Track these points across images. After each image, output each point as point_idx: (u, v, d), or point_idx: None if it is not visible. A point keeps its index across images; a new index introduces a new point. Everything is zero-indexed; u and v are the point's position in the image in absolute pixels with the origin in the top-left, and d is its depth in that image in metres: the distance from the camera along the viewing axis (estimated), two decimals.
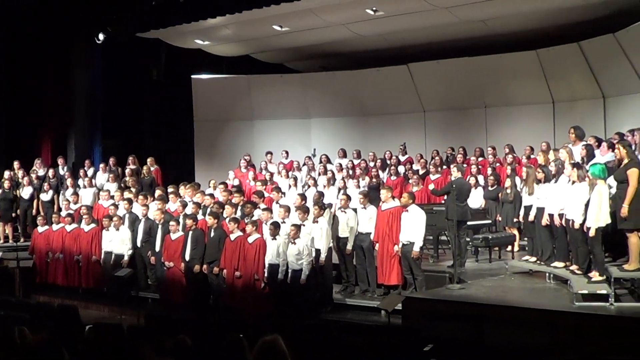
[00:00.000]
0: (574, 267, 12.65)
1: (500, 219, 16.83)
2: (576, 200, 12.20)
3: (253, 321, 12.34)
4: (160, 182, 21.11)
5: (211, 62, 25.92)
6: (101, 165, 21.79)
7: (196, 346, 7.60)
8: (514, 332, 11.22)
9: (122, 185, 20.35)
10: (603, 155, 13.83)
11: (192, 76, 25.74)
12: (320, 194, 16.73)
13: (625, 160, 11.56)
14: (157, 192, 18.36)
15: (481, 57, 22.28)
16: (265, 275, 14.54)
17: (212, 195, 17.43)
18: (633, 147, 12.48)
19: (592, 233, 11.69)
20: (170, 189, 18.50)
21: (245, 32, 22.68)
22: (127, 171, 20.98)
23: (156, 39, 23.76)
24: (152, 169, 21.15)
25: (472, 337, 11.51)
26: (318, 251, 14.47)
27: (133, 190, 19.18)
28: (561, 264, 13.11)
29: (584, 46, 20.33)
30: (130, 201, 17.89)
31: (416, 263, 14.25)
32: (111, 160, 21.91)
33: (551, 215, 13.07)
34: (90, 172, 21.52)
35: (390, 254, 14.60)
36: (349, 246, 15.14)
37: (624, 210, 11.25)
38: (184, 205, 16.84)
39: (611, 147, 13.66)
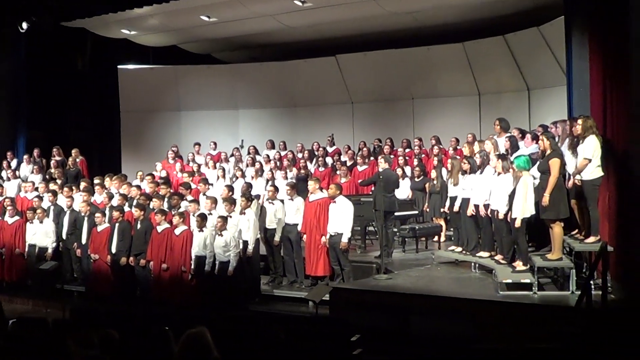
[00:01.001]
0: (498, 257, 12.86)
1: (427, 209, 16.97)
2: (501, 191, 12.38)
3: (180, 313, 12.28)
4: (86, 173, 20.85)
5: (138, 53, 25.65)
6: (25, 157, 21.43)
7: (123, 339, 7.55)
8: (439, 322, 11.33)
9: (47, 177, 20.07)
10: (527, 147, 14.02)
11: (119, 66, 25.49)
12: (248, 186, 16.68)
13: (548, 151, 11.73)
14: (83, 184, 18.14)
15: (409, 49, 22.45)
16: (192, 267, 14.47)
17: (138, 187, 17.28)
18: (556, 139, 12.66)
19: (517, 224, 11.85)
20: (96, 181, 18.30)
21: (172, 22, 22.48)
22: (52, 163, 20.69)
23: (81, 29, 23.41)
24: (77, 160, 20.86)
25: (398, 327, 11.60)
26: (246, 243, 14.47)
27: (58, 182, 18.92)
28: (486, 254, 13.28)
29: (510, 39, 20.64)
30: (55, 193, 17.64)
31: (344, 254, 14.31)
32: (35, 152, 21.57)
33: (476, 206, 13.23)
34: (13, 163, 21.19)
35: (318, 245, 14.62)
36: (277, 237, 15.17)
37: (545, 199, 11.43)
38: (110, 197, 16.67)
39: (535, 138, 13.85)
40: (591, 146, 11.46)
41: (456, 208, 14.06)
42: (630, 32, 10.44)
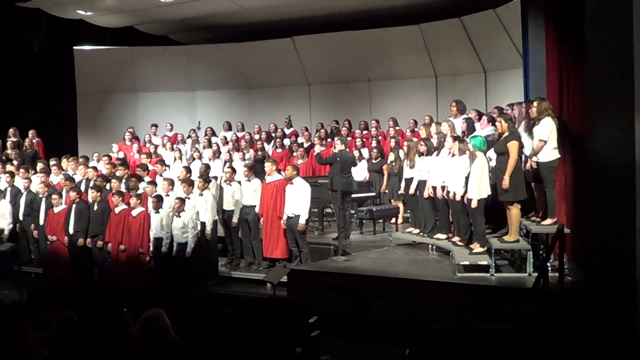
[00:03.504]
0: (456, 239, 12.96)
1: (386, 191, 17.04)
2: (457, 172, 12.46)
3: (137, 295, 12.27)
4: (43, 154, 20.69)
5: (94, 33, 25.44)
6: None
7: (81, 321, 7.54)
8: (397, 304, 11.43)
9: (3, 157, 19.89)
10: (483, 129, 14.13)
11: (75, 47, 25.22)
12: (206, 167, 16.66)
13: (506, 134, 11.82)
14: (40, 165, 17.97)
15: (365, 31, 22.44)
16: (151, 249, 14.45)
17: (95, 168, 17.18)
18: (513, 121, 12.76)
19: (473, 204, 11.95)
20: (52, 162, 18.19)
21: (128, 3, 22.24)
22: (9, 144, 20.48)
23: (36, 9, 23.14)
24: (34, 141, 20.67)
25: (356, 308, 11.68)
26: (203, 224, 14.48)
27: (15, 163, 18.78)
28: (443, 236, 13.40)
29: (466, 21, 20.72)
30: (12, 174, 17.50)
31: (301, 236, 14.34)
32: None
33: (434, 188, 13.30)
34: None
35: (276, 226, 14.65)
36: (235, 219, 15.16)
37: (505, 182, 11.52)
38: (67, 178, 16.56)
39: (491, 120, 13.96)
40: (547, 128, 11.58)
41: (412, 190, 14.09)
42: (586, 14, 10.53)
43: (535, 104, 11.81)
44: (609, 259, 9.53)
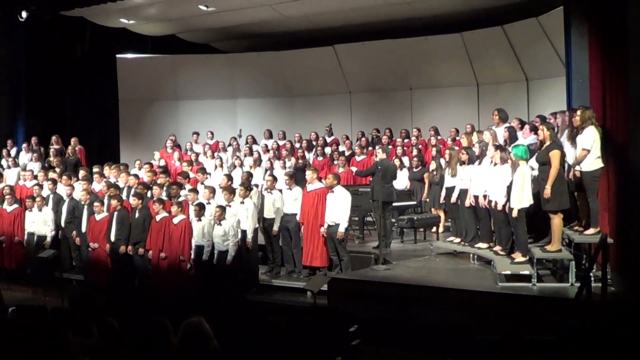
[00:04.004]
0: (497, 248, 12.84)
1: (427, 200, 16.99)
2: (499, 181, 12.34)
3: (178, 303, 12.30)
4: (85, 162, 20.86)
5: (136, 42, 25.66)
6: (24, 145, 21.45)
7: (121, 328, 7.56)
8: (438, 313, 11.35)
9: (46, 165, 20.09)
10: (526, 138, 14.01)
11: (117, 55, 25.46)
12: (248, 175, 16.69)
13: (548, 142, 11.72)
14: (82, 172, 18.08)
15: (407, 39, 22.45)
16: (192, 256, 14.48)
17: (136, 176, 17.27)
18: (555, 130, 12.65)
19: (514, 214, 11.84)
20: (95, 169, 18.32)
21: (170, 11, 22.46)
22: (51, 151, 20.70)
23: (80, 17, 23.41)
24: (76, 148, 20.85)
25: (397, 317, 11.61)
26: (244, 232, 14.46)
27: (57, 170, 18.94)
28: (485, 245, 13.28)
29: (508, 30, 20.62)
30: (54, 181, 17.65)
31: (341, 244, 14.31)
32: (33, 140, 21.59)
33: (475, 197, 13.20)
34: (13, 151, 21.21)
35: (316, 235, 14.61)
36: (275, 227, 15.14)
37: (547, 191, 11.41)
38: (109, 185, 16.64)
39: (533, 129, 13.85)
40: (590, 137, 11.47)
41: (454, 199, 14.02)
42: (629, 22, 10.44)
43: (578, 112, 11.71)
44: None
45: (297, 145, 21.29)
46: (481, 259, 13.48)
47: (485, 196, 12.91)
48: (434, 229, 16.68)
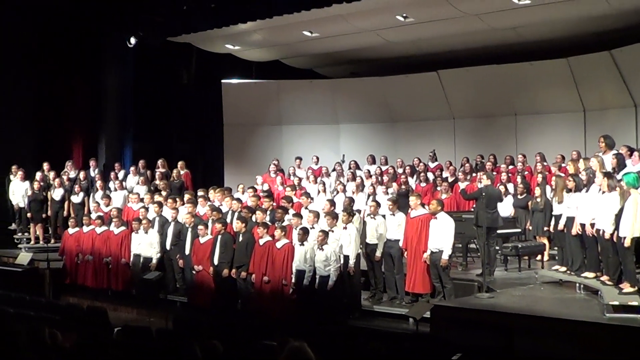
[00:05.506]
0: (604, 278, 12.56)
1: (530, 227, 16.77)
2: (607, 210, 12.10)
3: (280, 327, 12.34)
4: (190, 185, 21.18)
5: (241, 67, 26.03)
6: (131, 168, 21.90)
7: (225, 351, 7.61)
8: (543, 343, 11.16)
9: (152, 188, 20.46)
10: (634, 165, 13.72)
11: (222, 80, 25.82)
12: (351, 200, 16.71)
13: None
14: (187, 196, 18.32)
15: (511, 64, 22.23)
16: (293, 280, 14.54)
17: (239, 200, 17.44)
18: None
19: (627, 243, 11.55)
20: (199, 193, 18.59)
21: (275, 37, 22.74)
22: (157, 174, 21.09)
23: (187, 43, 23.88)
24: (182, 172, 21.19)
25: (500, 346, 11.45)
26: (347, 257, 14.45)
27: (163, 193, 19.27)
28: (592, 275, 13.00)
29: (616, 54, 20.22)
30: (160, 204, 17.95)
31: (445, 271, 14.19)
32: (140, 163, 22.02)
33: (582, 225, 12.96)
34: (120, 174, 21.66)
35: (419, 261, 14.52)
36: (378, 253, 15.06)
37: None
38: (213, 209, 16.84)
39: None
40: None
41: (560, 227, 13.82)
42: None
43: None
44: None
45: (399, 170, 21.24)
46: (588, 289, 13.18)
47: (592, 224, 12.66)
48: (539, 257, 16.45)
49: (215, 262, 15.62)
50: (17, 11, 21.82)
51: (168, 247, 17.06)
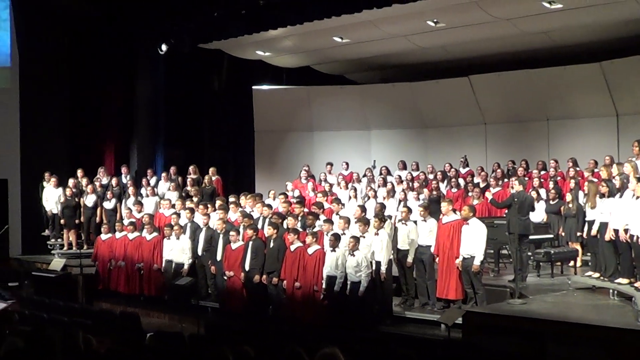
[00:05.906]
0: (638, 284, 12.46)
1: (563, 233, 16.66)
2: None
3: (312, 332, 12.33)
4: (221, 191, 21.22)
5: (272, 73, 26.09)
6: (163, 175, 21.97)
7: (257, 357, 7.61)
8: (576, 350, 11.08)
9: (183, 194, 20.54)
10: None
11: (253, 87, 25.89)
12: (382, 206, 16.68)
13: None
14: (218, 202, 18.36)
15: (543, 69, 22.09)
16: (324, 286, 14.53)
17: (270, 206, 17.46)
18: None
19: None
20: (231, 199, 18.62)
21: (305, 43, 22.78)
22: (189, 180, 21.16)
23: (218, 50, 23.96)
24: (213, 178, 21.23)
25: (533, 353, 11.38)
26: (378, 263, 14.43)
27: (194, 199, 19.32)
28: (625, 280, 12.91)
29: None
30: (192, 210, 17.99)
31: (477, 277, 14.14)
32: (172, 170, 22.09)
33: (616, 231, 12.85)
34: (152, 181, 21.74)
35: (451, 267, 14.49)
36: (410, 259, 15.05)
37: None
38: (244, 215, 16.87)
39: None
40: None
41: (594, 232, 13.73)
42: None
43: None
44: None
45: (430, 176, 21.19)
46: (621, 295, 13.10)
47: (626, 230, 12.56)
48: (572, 262, 16.34)
49: (247, 268, 15.64)
50: (51, 19, 22.03)
51: (200, 253, 17.09)
